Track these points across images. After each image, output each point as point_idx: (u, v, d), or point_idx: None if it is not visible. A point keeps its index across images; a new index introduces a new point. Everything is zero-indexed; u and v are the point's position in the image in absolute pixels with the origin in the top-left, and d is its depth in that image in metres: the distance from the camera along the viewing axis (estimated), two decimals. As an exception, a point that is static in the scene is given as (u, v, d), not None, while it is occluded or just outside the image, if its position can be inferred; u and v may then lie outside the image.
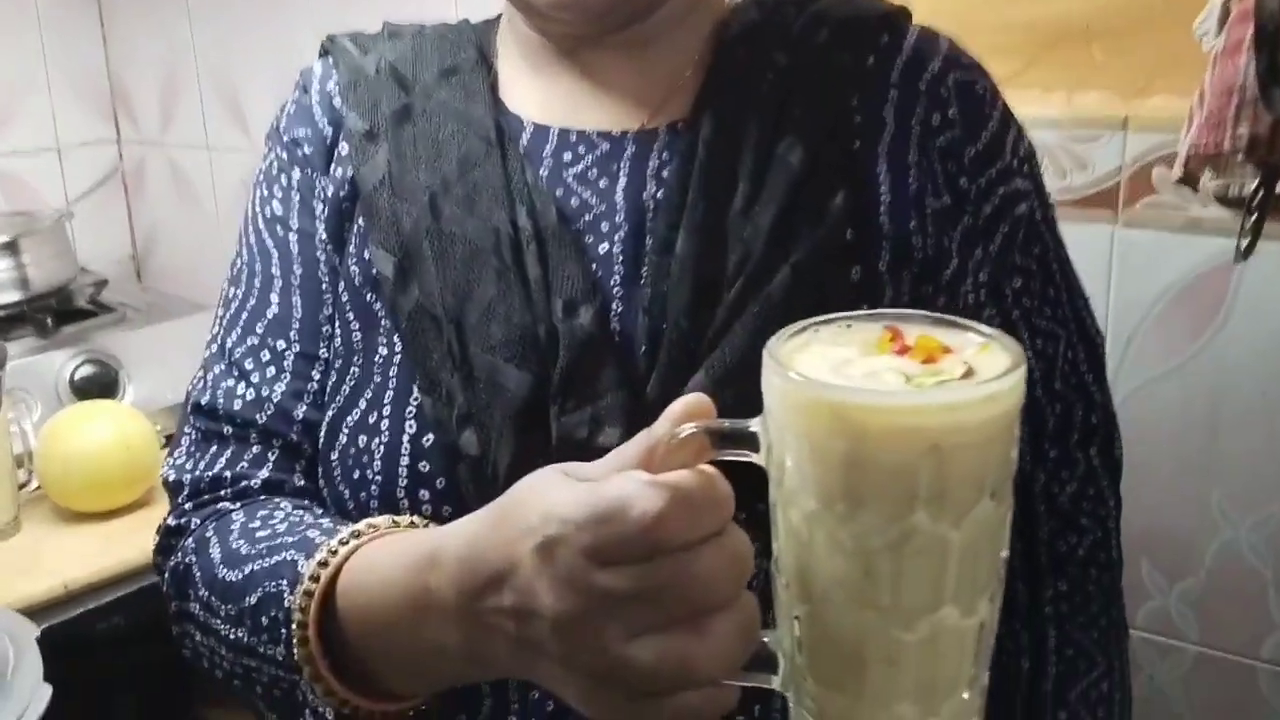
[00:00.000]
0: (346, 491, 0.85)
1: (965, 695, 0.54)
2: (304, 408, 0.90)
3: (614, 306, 0.83)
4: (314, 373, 0.91)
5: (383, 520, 0.78)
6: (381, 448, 0.83)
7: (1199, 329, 1.28)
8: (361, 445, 0.84)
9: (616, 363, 0.80)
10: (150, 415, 1.68)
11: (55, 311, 1.88)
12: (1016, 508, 0.99)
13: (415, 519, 0.79)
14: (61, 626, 1.43)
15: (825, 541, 0.52)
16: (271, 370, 0.91)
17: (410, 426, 0.83)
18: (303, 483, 0.90)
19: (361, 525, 0.77)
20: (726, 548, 0.55)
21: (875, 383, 0.51)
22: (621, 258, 0.84)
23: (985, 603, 0.53)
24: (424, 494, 0.81)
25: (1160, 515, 1.32)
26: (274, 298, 0.93)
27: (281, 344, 0.92)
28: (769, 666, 0.57)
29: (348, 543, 0.76)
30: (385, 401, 0.85)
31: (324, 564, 0.75)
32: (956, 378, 0.51)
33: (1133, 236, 1.29)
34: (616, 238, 0.85)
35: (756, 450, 0.55)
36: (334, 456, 0.86)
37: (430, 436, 0.81)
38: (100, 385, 1.73)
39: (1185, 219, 1.26)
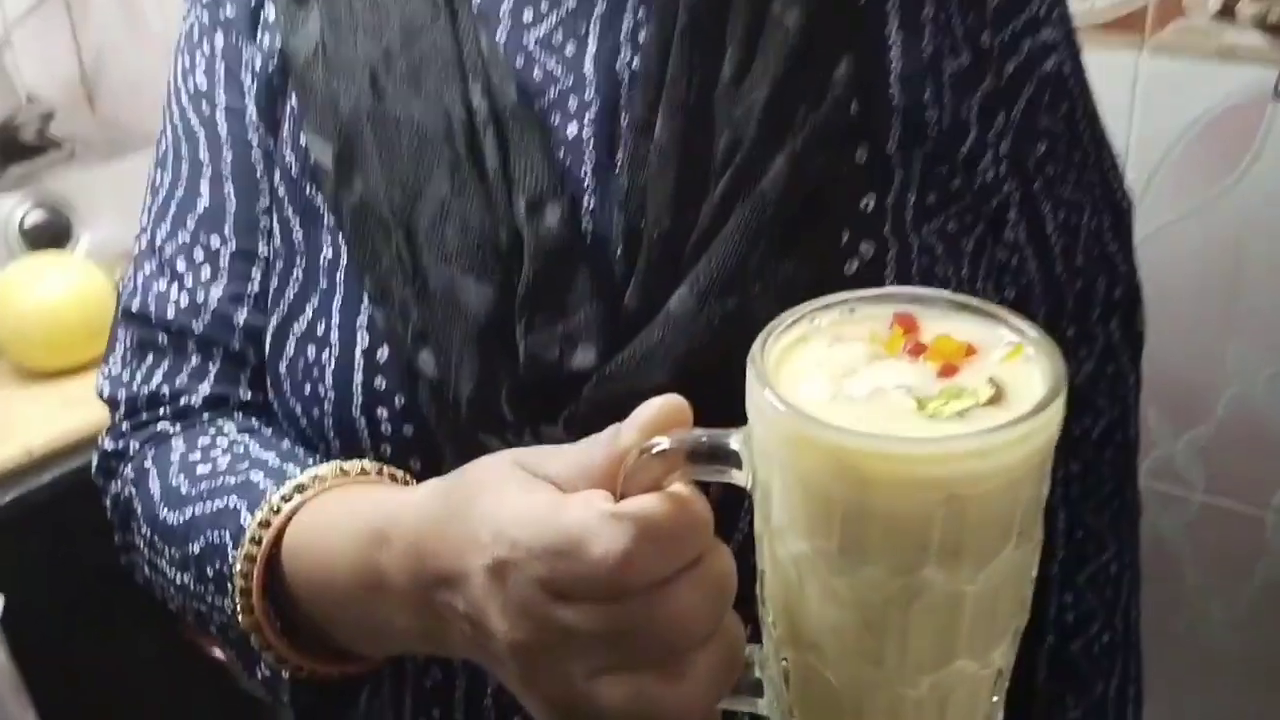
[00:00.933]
0: (298, 408, 0.77)
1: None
2: (245, 312, 0.81)
3: (585, 202, 0.73)
4: (254, 272, 0.82)
5: (328, 470, 0.70)
6: (332, 361, 0.75)
7: (1226, 169, 1.17)
8: (310, 358, 0.76)
9: (589, 270, 0.70)
10: (107, 262, 1.59)
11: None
12: None
13: (366, 465, 0.71)
14: (29, 496, 1.38)
15: (817, 588, 0.44)
16: (206, 271, 0.82)
17: (362, 339, 0.74)
18: (250, 396, 0.82)
19: (305, 477, 0.69)
20: (704, 580, 0.47)
21: (881, 407, 0.42)
22: (592, 142, 0.74)
23: (1005, 647, 0.46)
24: (382, 413, 0.73)
25: (1172, 363, 1.25)
26: (204, 187, 0.83)
27: (215, 240, 0.82)
28: (754, 690, 0.51)
29: (290, 499, 0.68)
30: (333, 310, 0.76)
31: (265, 524, 0.68)
32: (981, 403, 0.42)
33: (1159, 65, 1.17)
34: (586, 118, 0.74)
35: (739, 468, 0.46)
36: (282, 369, 0.78)
37: (385, 350, 0.73)
38: (52, 233, 1.63)
39: (1218, 46, 1.14)
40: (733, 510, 0.65)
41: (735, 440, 0.46)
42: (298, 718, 0.75)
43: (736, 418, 0.46)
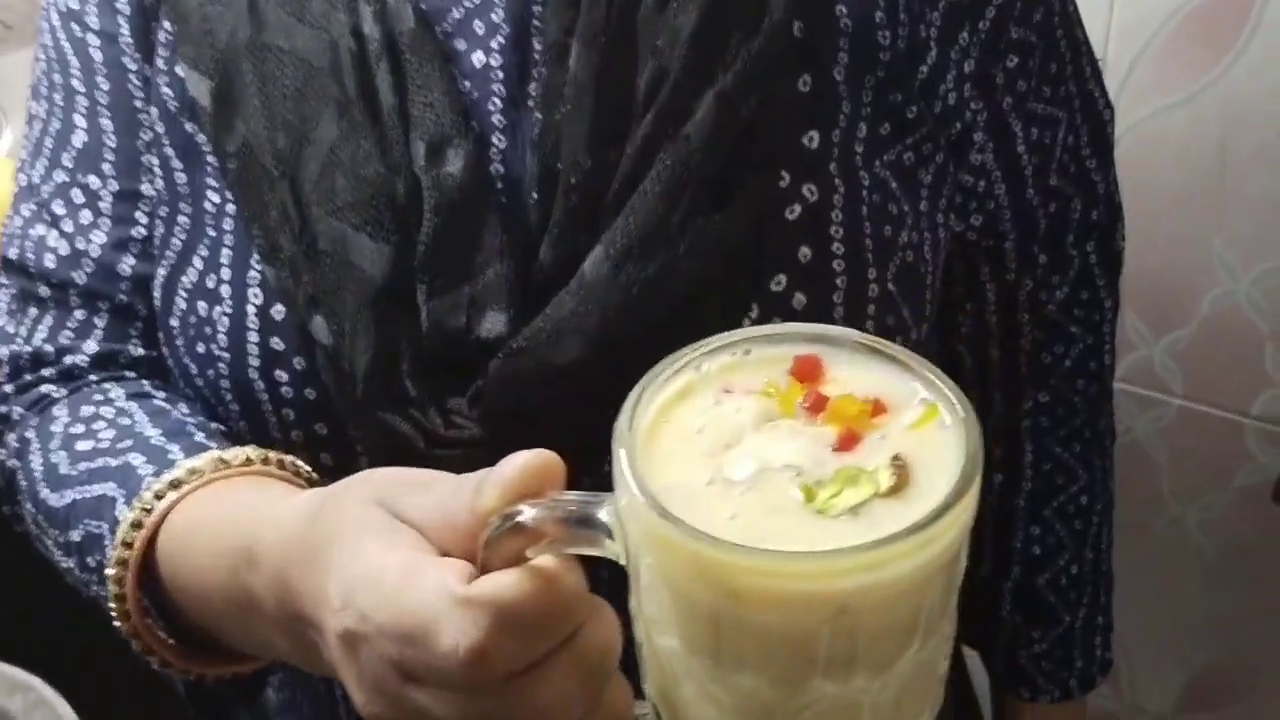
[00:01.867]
0: (193, 367, 0.70)
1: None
2: (131, 260, 0.73)
3: (494, 141, 0.65)
4: (138, 215, 0.74)
5: (206, 462, 0.64)
6: (225, 319, 0.68)
7: (1214, 56, 1.08)
8: (202, 314, 0.69)
9: (499, 221, 0.63)
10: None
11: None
12: (997, 317, 0.88)
13: (249, 453, 0.64)
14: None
15: (694, 688, 0.38)
16: (86, 215, 0.74)
17: (255, 296, 0.67)
18: (141, 352, 0.75)
19: (181, 472, 0.63)
20: (574, 662, 0.42)
21: (763, 497, 0.36)
22: (502, 74, 0.65)
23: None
24: (281, 376, 0.67)
25: (1153, 263, 1.18)
26: (79, 120, 0.74)
27: (94, 180, 0.74)
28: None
29: (164, 495, 0.62)
30: (223, 262, 0.68)
31: (138, 525, 0.62)
32: (882, 492, 0.35)
33: (1142, -56, 1.07)
34: (494, 45, 0.66)
35: (613, 538, 0.40)
36: (174, 324, 0.71)
37: (280, 308, 0.66)
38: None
39: (1207, -78, 1.03)
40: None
41: (606, 511, 0.39)
42: (196, 712, 0.70)
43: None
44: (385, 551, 0.44)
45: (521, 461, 0.42)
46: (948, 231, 0.73)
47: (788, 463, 0.36)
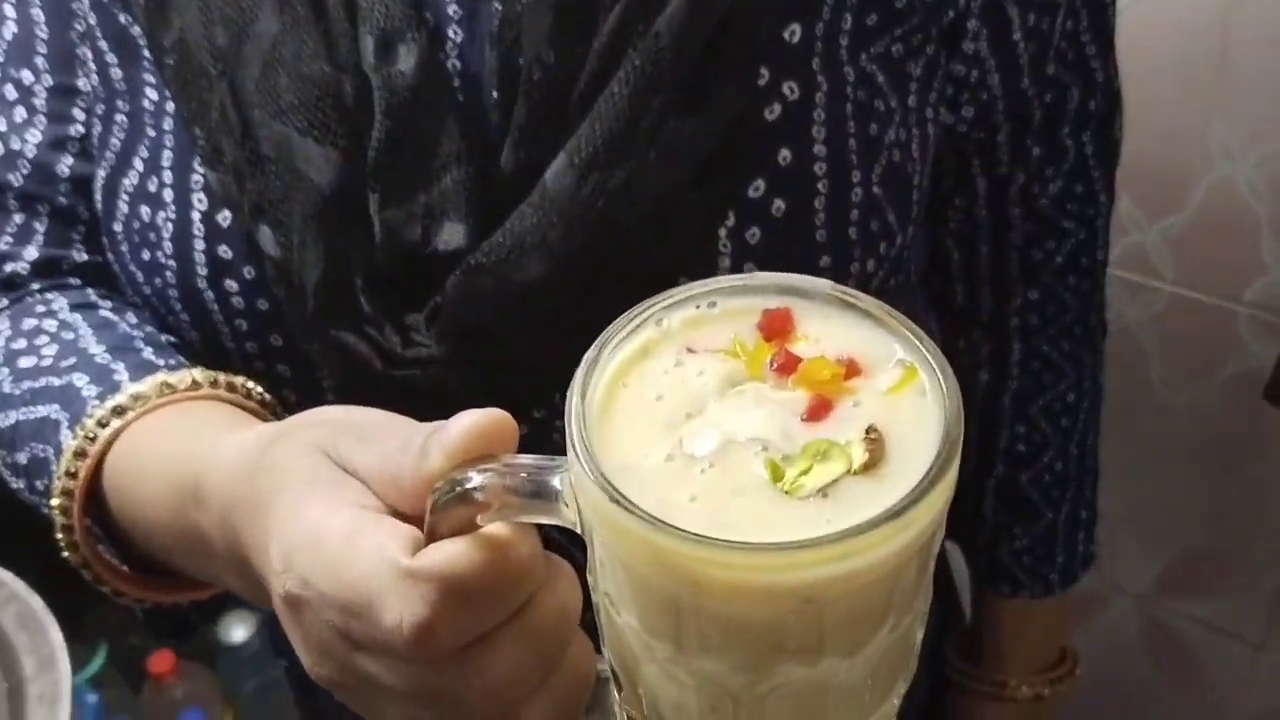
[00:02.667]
0: (139, 274, 0.67)
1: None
2: (69, 160, 0.69)
3: (449, 34, 0.60)
4: (74, 112, 0.69)
5: (151, 387, 0.60)
6: (170, 226, 0.64)
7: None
8: (146, 219, 0.65)
9: (456, 123, 0.59)
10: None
11: None
12: (987, 211, 0.84)
13: (196, 375, 0.61)
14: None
15: (656, 668, 0.36)
16: (20, 113, 0.69)
17: (200, 201, 0.63)
18: (85, 257, 0.71)
19: (125, 398, 0.60)
20: (529, 632, 0.39)
21: (727, 475, 0.33)
22: None
23: (887, 707, 0.38)
24: (231, 285, 0.64)
25: (1148, 146, 1.13)
26: (9, 10, 0.69)
27: (27, 75, 0.69)
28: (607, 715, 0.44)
29: (108, 424, 0.59)
30: (164, 164, 0.64)
31: (81, 454, 0.59)
32: (855, 470, 0.33)
33: None
34: None
35: (568, 504, 0.37)
36: (117, 229, 0.67)
37: (227, 214, 0.62)
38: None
39: None
40: None
41: (560, 478, 0.37)
42: (155, 634, 0.68)
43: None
44: (327, 512, 0.41)
45: (468, 423, 0.39)
46: (937, 127, 0.69)
47: (753, 435, 0.34)
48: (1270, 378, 1.04)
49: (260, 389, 0.62)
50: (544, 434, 0.62)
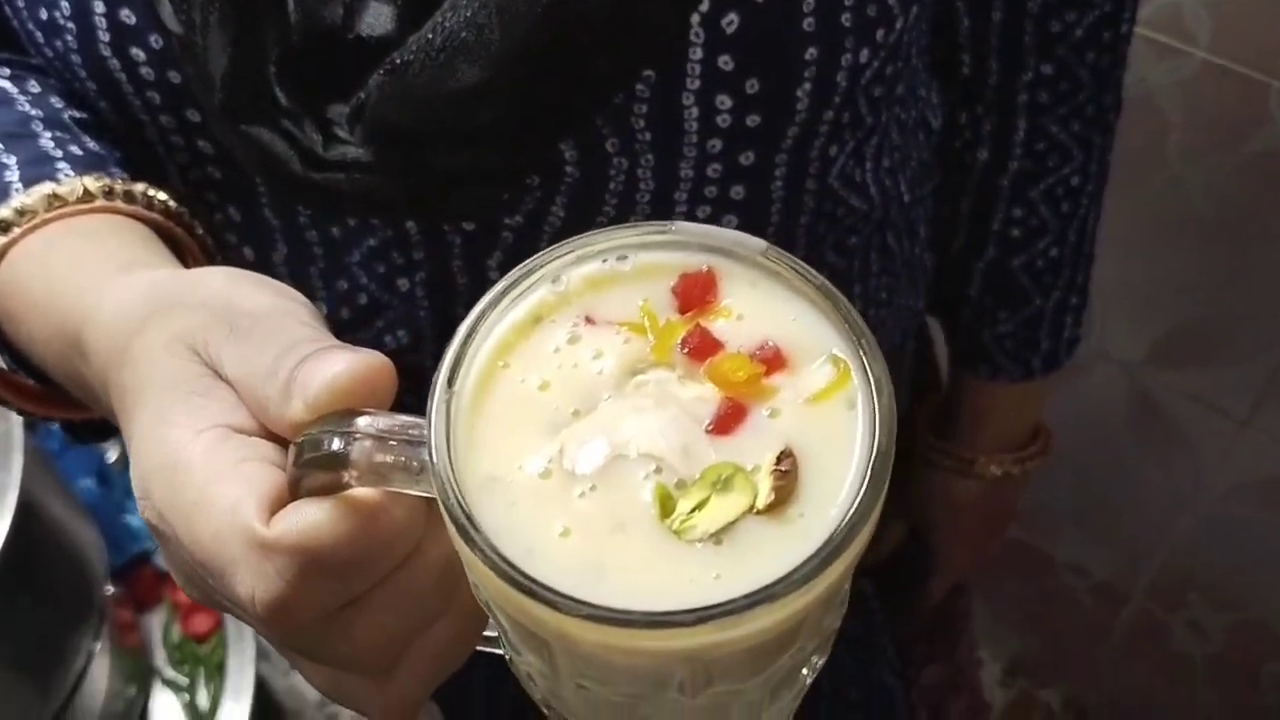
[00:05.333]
0: (39, 35, 0.59)
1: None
2: None
3: None
4: None
5: (38, 199, 0.54)
6: None
7: None
8: None
9: None
10: None
11: None
12: None
13: (88, 185, 0.54)
14: None
15: (547, 676, 0.32)
16: None
17: None
18: None
19: (8, 211, 0.54)
20: (403, 595, 0.35)
21: (610, 502, 0.28)
22: None
23: (796, 691, 0.35)
24: (137, 54, 0.56)
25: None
26: None
27: None
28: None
29: None
30: None
31: None
32: (759, 509, 0.28)
33: None
34: None
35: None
36: None
37: None
38: None
39: None
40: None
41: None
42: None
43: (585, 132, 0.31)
44: (185, 437, 0.37)
45: (332, 376, 0.33)
46: None
47: (647, 450, 0.28)
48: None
49: (164, 196, 0.56)
50: (479, 248, 0.56)
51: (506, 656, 0.36)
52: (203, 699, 1.11)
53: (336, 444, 0.32)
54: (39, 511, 0.93)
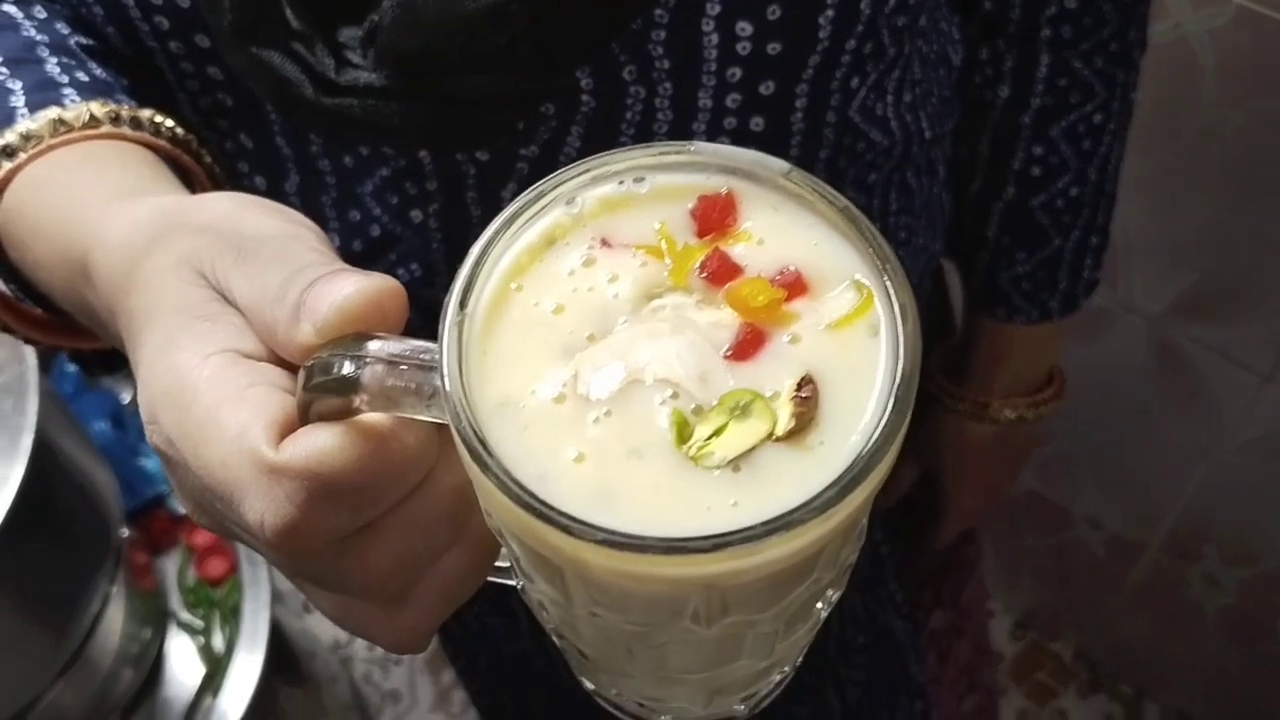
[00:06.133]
0: None
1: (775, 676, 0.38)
2: None
3: None
4: None
5: (43, 125, 0.53)
6: None
7: None
8: None
9: None
10: None
11: None
12: None
13: (94, 110, 0.53)
14: None
15: (559, 604, 0.32)
16: None
17: None
18: None
19: (14, 137, 0.53)
20: (415, 521, 0.35)
21: (626, 426, 0.27)
22: None
23: (809, 626, 0.34)
24: None
25: None
26: None
27: None
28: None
29: None
30: None
31: None
32: (778, 436, 0.27)
33: None
34: None
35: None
36: None
37: None
38: None
39: None
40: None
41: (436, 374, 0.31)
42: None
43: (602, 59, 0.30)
44: (193, 361, 0.36)
45: (342, 299, 0.33)
46: None
47: (663, 375, 0.27)
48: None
49: (171, 123, 0.55)
50: (493, 179, 0.55)
51: (519, 585, 0.35)
52: (218, 642, 1.12)
53: (347, 368, 0.31)
54: (54, 454, 0.93)
